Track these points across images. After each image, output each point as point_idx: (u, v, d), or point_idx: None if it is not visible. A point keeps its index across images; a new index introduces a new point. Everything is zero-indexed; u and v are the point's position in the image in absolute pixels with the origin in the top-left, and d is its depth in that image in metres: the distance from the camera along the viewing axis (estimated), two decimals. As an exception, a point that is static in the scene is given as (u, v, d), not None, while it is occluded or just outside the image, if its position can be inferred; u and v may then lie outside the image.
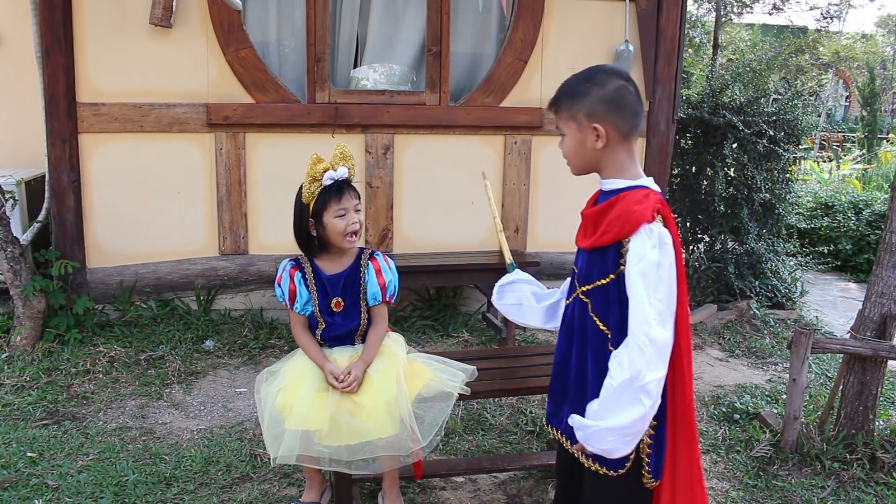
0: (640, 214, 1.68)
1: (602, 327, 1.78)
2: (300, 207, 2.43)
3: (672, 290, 1.68)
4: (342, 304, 2.44)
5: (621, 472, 1.79)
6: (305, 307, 2.46)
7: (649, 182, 1.80)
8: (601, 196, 1.85)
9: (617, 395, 1.66)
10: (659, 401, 1.67)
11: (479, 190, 4.91)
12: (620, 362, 1.67)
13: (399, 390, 2.32)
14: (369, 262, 2.50)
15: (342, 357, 2.44)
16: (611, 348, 1.75)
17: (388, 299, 2.50)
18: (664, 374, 1.66)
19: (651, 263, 1.66)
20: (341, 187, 2.38)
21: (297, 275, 2.46)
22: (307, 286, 2.45)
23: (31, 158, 4.70)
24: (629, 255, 1.69)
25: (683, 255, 5.65)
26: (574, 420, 1.76)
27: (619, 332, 1.72)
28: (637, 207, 1.69)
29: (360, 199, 2.49)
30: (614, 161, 1.78)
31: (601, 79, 1.75)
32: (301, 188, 2.41)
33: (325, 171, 2.35)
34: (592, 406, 1.75)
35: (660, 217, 1.71)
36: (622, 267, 1.72)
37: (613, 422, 1.66)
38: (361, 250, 2.53)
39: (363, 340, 2.48)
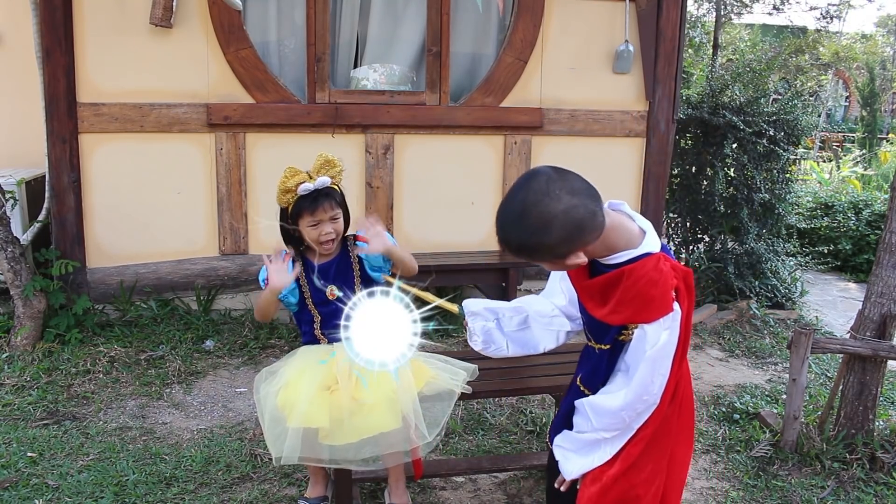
0: (661, 303, 1.60)
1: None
2: (280, 209, 2.45)
3: (671, 359, 1.71)
4: (335, 292, 2.44)
5: None
6: (287, 296, 2.46)
7: (651, 241, 1.65)
8: (599, 265, 1.71)
9: (586, 444, 1.81)
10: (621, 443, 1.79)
11: (480, 190, 4.91)
12: (599, 413, 1.76)
13: (403, 384, 2.32)
14: (356, 242, 2.50)
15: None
16: (581, 387, 1.91)
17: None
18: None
19: (663, 346, 1.65)
20: (316, 198, 2.39)
21: (290, 263, 2.46)
22: (297, 279, 2.45)
23: (31, 158, 4.70)
24: (644, 338, 1.65)
25: (683, 257, 5.67)
26: (555, 446, 1.91)
27: (592, 377, 1.87)
28: (654, 292, 1.59)
29: (341, 206, 2.47)
30: (604, 247, 1.64)
31: (540, 220, 1.50)
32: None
33: (299, 184, 2.36)
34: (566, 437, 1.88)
35: (674, 293, 1.63)
36: (624, 337, 1.74)
37: (581, 464, 1.83)
38: (345, 238, 2.53)
39: None
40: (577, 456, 1.84)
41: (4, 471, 2.90)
